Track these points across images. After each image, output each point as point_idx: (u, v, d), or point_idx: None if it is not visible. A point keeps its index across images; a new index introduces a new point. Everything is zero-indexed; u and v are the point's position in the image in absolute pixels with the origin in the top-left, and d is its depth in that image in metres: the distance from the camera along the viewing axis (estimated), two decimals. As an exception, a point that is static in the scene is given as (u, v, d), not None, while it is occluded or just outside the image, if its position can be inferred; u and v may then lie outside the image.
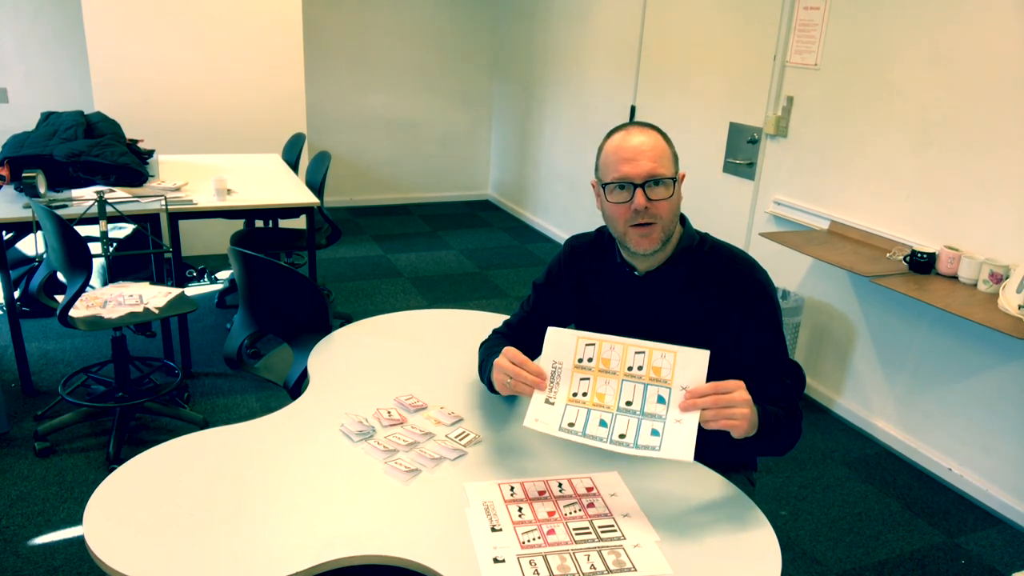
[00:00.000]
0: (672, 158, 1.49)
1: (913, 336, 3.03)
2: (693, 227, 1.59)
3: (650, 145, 1.46)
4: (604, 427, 1.33)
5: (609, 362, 1.39)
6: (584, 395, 1.37)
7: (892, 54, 3.01)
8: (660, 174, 1.44)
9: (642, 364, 1.36)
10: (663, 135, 1.50)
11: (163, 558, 1.14)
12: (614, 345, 1.39)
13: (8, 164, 3.19)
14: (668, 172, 1.46)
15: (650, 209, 1.45)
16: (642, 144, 1.45)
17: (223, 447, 1.43)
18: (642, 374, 1.36)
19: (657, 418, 1.32)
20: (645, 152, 1.45)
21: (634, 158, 1.45)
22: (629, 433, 1.32)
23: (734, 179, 3.93)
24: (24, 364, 3.17)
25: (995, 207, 2.70)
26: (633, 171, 1.44)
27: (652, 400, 1.34)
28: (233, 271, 2.58)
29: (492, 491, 1.36)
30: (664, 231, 1.48)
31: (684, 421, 1.31)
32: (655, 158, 1.45)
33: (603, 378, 1.38)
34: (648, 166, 1.44)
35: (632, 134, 1.48)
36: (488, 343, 1.73)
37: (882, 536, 2.60)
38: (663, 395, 1.34)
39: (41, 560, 2.26)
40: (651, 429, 1.31)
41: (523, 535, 1.24)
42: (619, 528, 1.27)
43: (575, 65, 5.41)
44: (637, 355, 1.37)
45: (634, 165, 1.44)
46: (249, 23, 4.77)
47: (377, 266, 5.14)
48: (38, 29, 5.02)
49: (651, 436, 1.31)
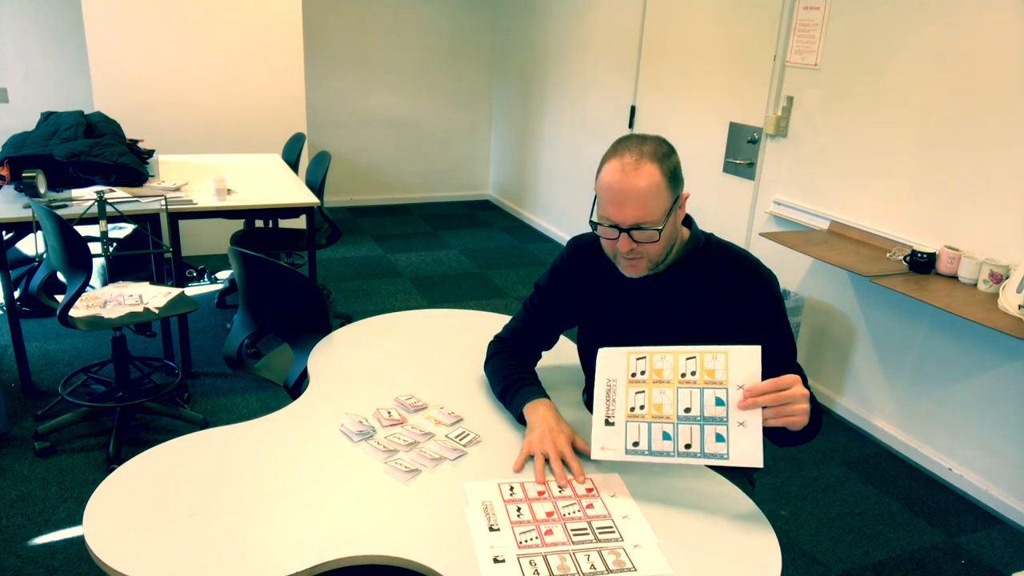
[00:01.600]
0: (667, 192, 1.41)
1: (913, 336, 3.03)
2: (699, 228, 1.58)
3: (640, 192, 1.38)
4: (668, 440, 1.32)
5: (662, 372, 1.37)
6: (642, 408, 1.36)
7: (892, 54, 3.01)
8: (646, 223, 1.40)
9: (695, 369, 1.35)
10: (660, 164, 1.41)
11: (163, 558, 1.14)
12: (665, 355, 1.38)
13: (8, 164, 3.19)
14: (655, 218, 1.40)
15: (635, 250, 1.44)
16: (632, 190, 1.38)
17: (223, 447, 1.43)
18: (696, 379, 1.34)
19: (719, 421, 1.31)
20: (633, 199, 1.39)
21: (622, 204, 1.39)
22: (695, 442, 1.31)
23: (734, 179, 3.93)
24: (24, 364, 3.17)
25: (995, 207, 2.70)
26: (619, 217, 1.41)
27: (710, 403, 1.32)
28: (233, 271, 2.58)
29: (491, 491, 1.35)
30: (652, 262, 1.48)
31: (747, 423, 1.29)
32: (643, 205, 1.39)
33: (658, 388, 1.37)
34: (634, 215, 1.40)
35: (625, 171, 1.39)
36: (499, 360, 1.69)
37: (882, 536, 2.60)
38: (721, 397, 1.32)
39: (41, 560, 2.26)
40: (715, 434, 1.30)
41: (520, 535, 1.24)
42: (617, 529, 1.27)
43: (575, 65, 5.41)
44: (688, 361, 1.35)
45: (620, 211, 1.40)
46: (249, 23, 4.77)
47: (377, 266, 5.14)
48: (38, 29, 5.02)
49: (716, 443, 1.30)
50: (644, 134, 1.48)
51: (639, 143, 1.43)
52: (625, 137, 1.47)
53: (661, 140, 1.46)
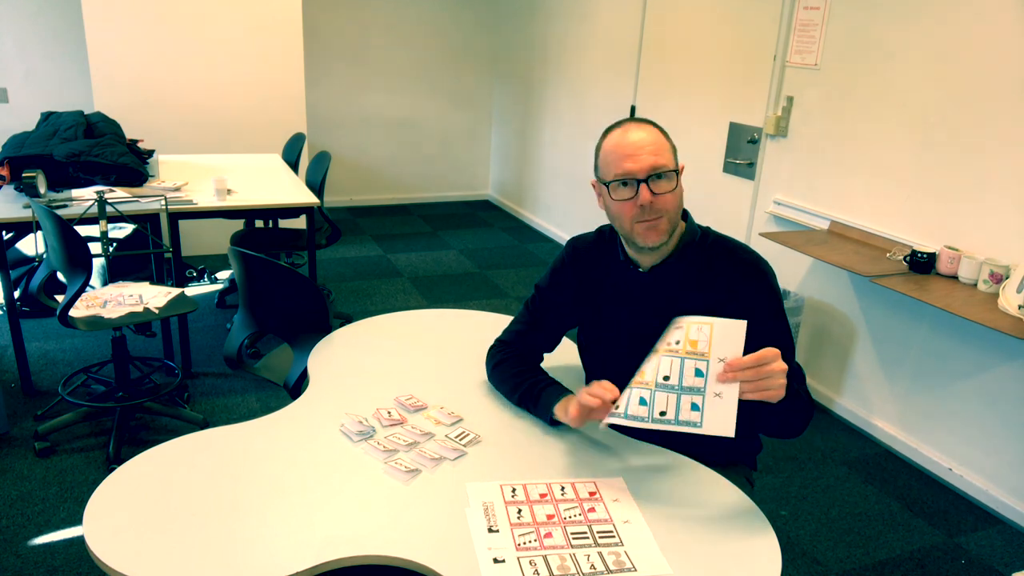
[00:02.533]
0: (672, 150, 1.50)
1: (913, 336, 3.03)
2: (695, 221, 1.59)
3: (650, 140, 1.46)
4: (644, 405, 1.33)
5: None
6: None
7: (892, 54, 3.01)
8: (662, 167, 1.45)
9: (679, 339, 1.35)
10: (660, 129, 1.51)
11: (163, 558, 1.14)
12: None
13: (8, 164, 3.19)
14: (670, 164, 1.47)
15: (655, 203, 1.45)
16: (642, 140, 1.46)
17: (223, 447, 1.43)
18: (679, 348, 1.34)
19: (696, 391, 1.32)
20: (645, 147, 1.45)
21: (635, 154, 1.45)
22: (669, 409, 1.32)
23: (734, 179, 3.93)
24: (24, 364, 3.17)
25: (995, 207, 2.70)
26: (635, 167, 1.45)
27: (690, 374, 1.33)
28: (233, 271, 2.58)
29: (493, 492, 1.35)
30: (671, 222, 1.50)
31: (724, 395, 1.30)
32: (656, 152, 1.45)
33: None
34: (650, 160, 1.45)
35: (630, 130, 1.49)
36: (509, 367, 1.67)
37: (882, 536, 2.60)
38: (700, 368, 1.33)
39: (41, 560, 2.26)
40: (691, 404, 1.31)
41: (519, 537, 1.24)
42: (618, 534, 1.26)
43: (575, 65, 5.41)
44: (675, 331, 1.36)
45: (636, 160, 1.45)
46: (249, 23, 4.77)
47: (377, 266, 5.14)
48: (38, 29, 5.02)
49: (691, 411, 1.31)
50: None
51: (636, 118, 1.54)
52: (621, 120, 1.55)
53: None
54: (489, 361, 1.73)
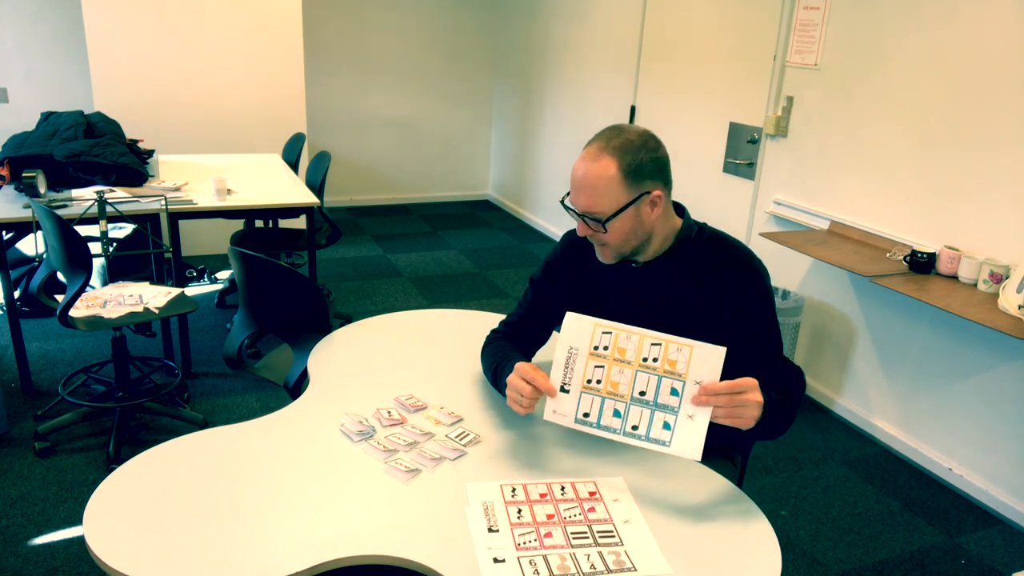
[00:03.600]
0: (621, 188, 1.42)
1: (913, 336, 3.03)
2: (692, 218, 1.58)
3: (590, 183, 1.42)
4: (618, 417, 1.34)
5: (625, 351, 1.38)
6: (598, 383, 1.38)
7: (892, 54, 3.01)
8: (593, 213, 1.44)
9: (657, 356, 1.36)
10: (622, 158, 1.41)
11: (163, 558, 1.14)
12: (631, 335, 1.38)
13: (8, 164, 3.19)
14: (602, 210, 1.43)
15: (593, 236, 1.49)
16: (583, 179, 1.43)
17: (223, 447, 1.43)
18: (657, 366, 1.36)
19: (670, 410, 1.34)
20: (584, 188, 1.44)
21: (577, 190, 1.46)
22: (642, 425, 1.34)
23: (734, 179, 3.93)
24: (24, 364, 3.17)
25: (995, 207, 2.70)
26: (574, 201, 1.47)
27: (666, 392, 1.35)
28: (233, 271, 2.58)
29: (493, 492, 1.35)
30: (616, 251, 1.51)
31: (696, 417, 1.32)
32: (591, 195, 1.43)
33: (618, 367, 1.38)
34: (584, 203, 1.45)
35: (585, 159, 1.44)
36: (492, 347, 1.71)
37: (882, 536, 2.60)
38: (676, 388, 1.34)
39: (41, 560, 2.26)
40: (663, 422, 1.33)
41: (519, 537, 1.24)
42: (618, 534, 1.26)
43: (575, 65, 5.41)
44: (653, 347, 1.36)
45: (576, 196, 1.46)
46: (249, 23, 4.77)
47: (377, 266, 5.14)
48: (38, 29, 5.02)
49: (663, 430, 1.33)
50: (632, 127, 1.48)
51: (614, 134, 1.45)
52: (610, 126, 1.49)
53: (642, 134, 1.45)
54: (482, 350, 1.76)
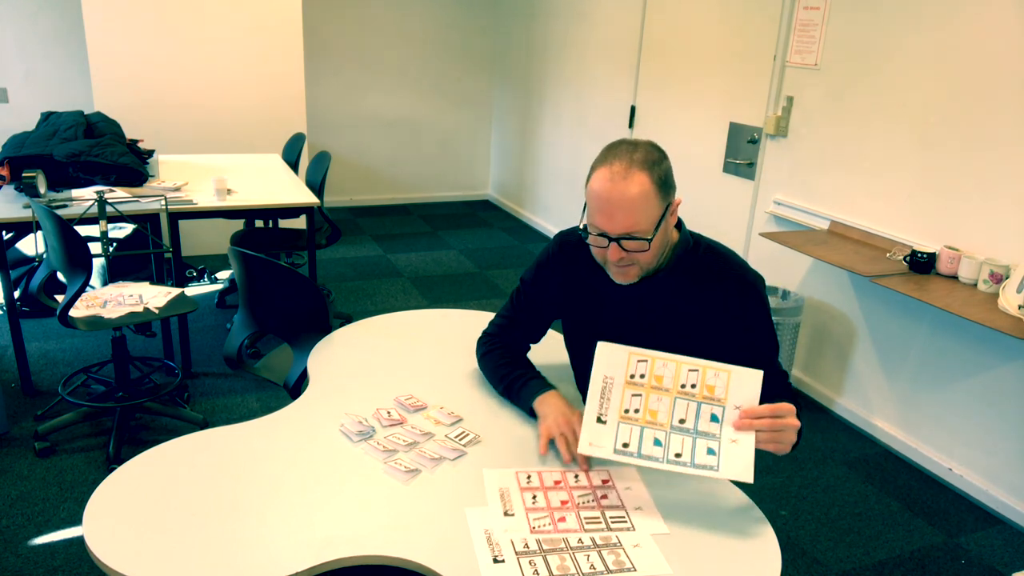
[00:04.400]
0: (657, 200, 1.38)
1: (913, 336, 3.03)
2: (688, 229, 1.57)
3: (629, 200, 1.35)
4: (659, 446, 1.31)
5: (662, 379, 1.36)
6: (636, 412, 1.35)
7: (892, 54, 3.01)
8: (636, 232, 1.38)
9: (696, 382, 1.34)
10: (651, 171, 1.37)
11: (163, 558, 1.14)
12: (667, 362, 1.36)
13: (8, 164, 3.19)
14: (646, 227, 1.38)
15: (625, 258, 1.42)
16: (621, 199, 1.36)
17: (223, 447, 1.43)
18: (695, 392, 1.34)
19: (711, 437, 1.31)
20: (622, 209, 1.36)
21: (611, 214, 1.37)
22: (685, 452, 1.30)
23: (734, 179, 3.93)
24: (24, 364, 3.17)
25: (995, 207, 2.70)
26: (608, 226, 1.39)
27: (705, 419, 1.32)
28: (233, 271, 2.58)
29: (509, 478, 1.39)
30: (644, 269, 1.47)
31: (740, 441, 1.30)
32: (632, 214, 1.36)
33: (655, 395, 1.35)
34: (624, 224, 1.37)
35: (614, 180, 1.36)
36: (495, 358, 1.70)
37: (882, 536, 2.60)
38: (716, 414, 1.32)
39: (41, 560, 2.26)
40: (707, 448, 1.30)
41: (534, 520, 1.28)
42: (629, 519, 1.29)
43: (575, 65, 5.41)
44: (691, 373, 1.35)
45: (610, 220, 1.38)
46: (249, 23, 4.77)
47: (377, 266, 5.14)
48: (38, 29, 5.02)
49: (707, 455, 1.30)
50: (635, 140, 1.44)
51: (630, 150, 1.39)
52: (615, 143, 1.44)
53: (652, 146, 1.43)
54: (477, 351, 1.77)
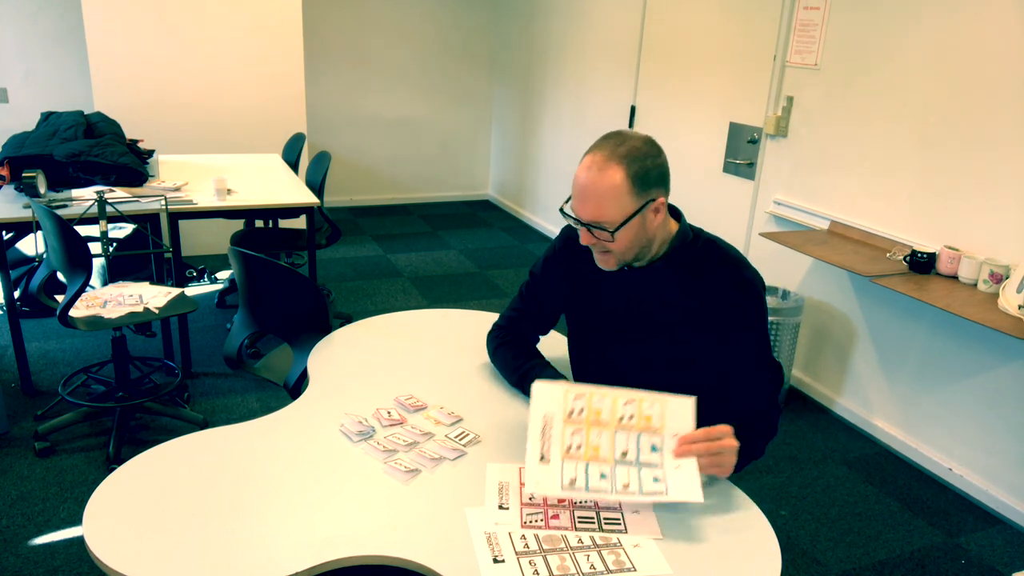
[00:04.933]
0: (630, 196, 1.40)
1: (913, 336, 3.03)
2: (688, 223, 1.58)
3: (596, 192, 1.40)
4: (605, 479, 1.32)
5: (600, 412, 1.38)
6: (579, 448, 1.35)
7: (892, 54, 3.01)
8: (600, 222, 1.41)
9: (633, 413, 1.37)
10: (628, 166, 1.39)
11: (163, 558, 1.14)
12: (603, 396, 1.38)
13: (8, 164, 3.19)
14: (612, 219, 1.41)
15: (597, 244, 1.47)
16: (589, 188, 1.40)
17: (223, 447, 1.43)
18: (634, 423, 1.37)
19: (654, 466, 1.34)
20: (591, 197, 1.40)
21: (583, 200, 1.42)
22: (632, 482, 1.32)
23: (734, 179, 3.93)
24: (24, 364, 3.17)
25: (995, 207, 2.70)
26: (579, 212, 1.44)
27: (646, 449, 1.35)
28: (233, 271, 2.58)
29: (511, 474, 1.40)
30: (620, 259, 1.49)
31: (683, 466, 1.33)
32: (599, 205, 1.40)
33: (596, 429, 1.37)
34: (592, 212, 1.42)
35: (591, 169, 1.40)
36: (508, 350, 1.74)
37: (882, 536, 2.60)
38: (656, 444, 1.35)
39: (41, 560, 2.26)
40: (652, 477, 1.32)
41: (527, 516, 1.29)
42: (624, 522, 1.29)
43: (575, 65, 5.41)
44: (627, 405, 1.37)
45: (582, 206, 1.43)
46: (249, 23, 4.77)
47: (377, 266, 5.14)
48: (38, 29, 5.02)
49: (654, 483, 1.32)
50: (633, 133, 1.45)
51: (617, 142, 1.42)
52: (612, 132, 1.46)
53: (646, 142, 1.43)
54: (489, 344, 1.81)
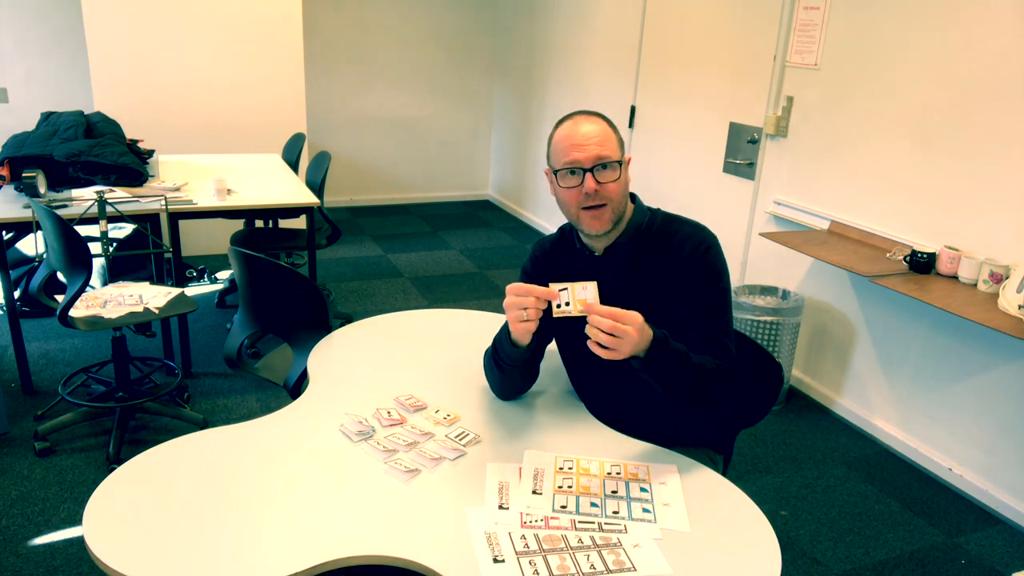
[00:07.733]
0: (618, 143, 1.58)
1: (913, 336, 3.03)
2: (644, 204, 1.68)
3: (597, 132, 1.55)
4: (596, 507, 1.35)
5: (588, 470, 1.44)
6: (570, 487, 1.39)
7: (892, 54, 3.01)
8: (607, 158, 1.54)
9: (620, 471, 1.44)
10: (608, 122, 1.59)
11: (163, 558, 1.14)
12: (591, 460, 1.46)
13: (8, 164, 3.19)
14: (614, 155, 1.55)
15: (600, 191, 1.54)
16: (589, 131, 1.55)
17: (223, 447, 1.43)
18: (621, 475, 1.43)
19: (645, 501, 1.36)
20: (592, 138, 1.54)
21: (583, 144, 1.54)
22: (622, 510, 1.34)
23: (734, 179, 3.93)
24: (24, 364, 3.17)
25: (995, 207, 2.70)
26: (582, 156, 1.54)
27: (635, 490, 1.39)
28: (233, 271, 2.58)
29: (512, 473, 1.41)
30: (615, 212, 1.58)
31: (672, 504, 1.35)
32: (602, 143, 1.54)
33: (585, 478, 1.42)
34: (595, 151, 1.53)
35: (579, 123, 1.57)
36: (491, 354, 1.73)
37: (882, 536, 2.60)
38: (645, 487, 1.39)
39: (41, 560, 2.26)
40: (641, 508, 1.34)
41: (526, 516, 1.29)
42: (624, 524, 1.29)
43: (575, 65, 5.41)
44: (613, 466, 1.45)
45: (582, 150, 1.54)
46: (249, 23, 4.77)
47: (377, 266, 5.14)
48: (38, 29, 5.02)
49: (644, 513, 1.33)
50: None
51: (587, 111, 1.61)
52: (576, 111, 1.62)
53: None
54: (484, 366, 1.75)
